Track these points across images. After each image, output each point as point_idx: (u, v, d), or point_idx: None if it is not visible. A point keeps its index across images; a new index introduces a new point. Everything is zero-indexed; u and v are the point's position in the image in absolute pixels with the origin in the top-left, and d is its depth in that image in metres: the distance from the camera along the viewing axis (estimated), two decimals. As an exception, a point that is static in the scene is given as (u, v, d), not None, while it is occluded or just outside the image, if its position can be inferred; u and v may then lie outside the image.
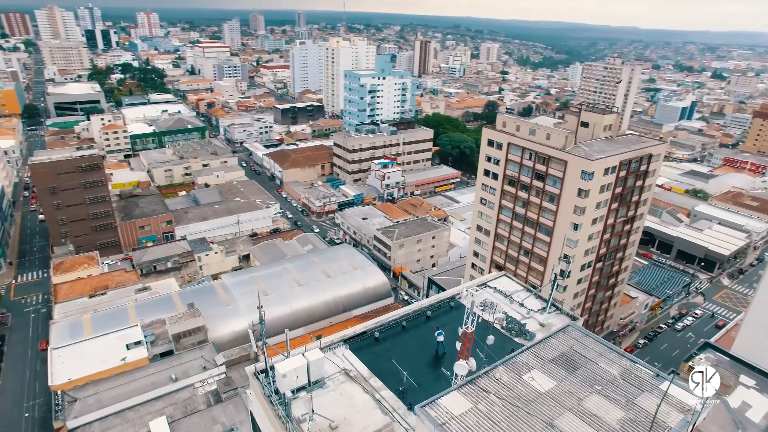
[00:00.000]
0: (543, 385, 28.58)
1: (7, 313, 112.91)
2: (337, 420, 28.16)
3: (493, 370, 28.88)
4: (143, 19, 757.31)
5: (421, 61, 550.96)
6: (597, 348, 32.72)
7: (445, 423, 24.83)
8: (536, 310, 41.30)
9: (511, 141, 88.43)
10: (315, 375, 30.61)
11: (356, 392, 30.52)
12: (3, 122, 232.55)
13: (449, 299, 40.73)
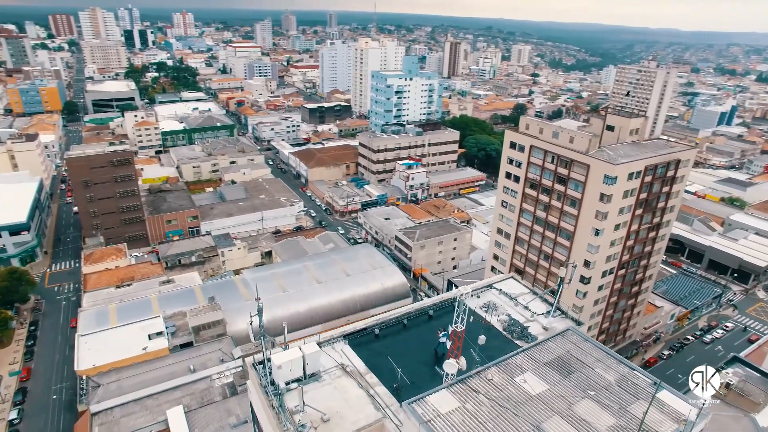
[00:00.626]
0: (534, 387, 28.19)
1: (41, 300, 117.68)
2: (330, 413, 28.43)
3: (486, 370, 28.64)
4: (179, 19, 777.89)
5: (451, 63, 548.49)
6: (595, 353, 32.04)
7: (430, 420, 24.80)
8: (540, 314, 40.63)
9: (534, 143, 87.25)
10: (311, 368, 30.97)
11: (351, 387, 30.74)
12: (45, 118, 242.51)
13: (453, 299, 40.47)
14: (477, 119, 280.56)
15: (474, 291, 37.25)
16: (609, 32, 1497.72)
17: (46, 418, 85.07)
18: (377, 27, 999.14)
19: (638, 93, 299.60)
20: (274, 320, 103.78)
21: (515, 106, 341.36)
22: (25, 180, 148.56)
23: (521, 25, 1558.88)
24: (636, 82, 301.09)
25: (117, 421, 73.18)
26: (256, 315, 35.07)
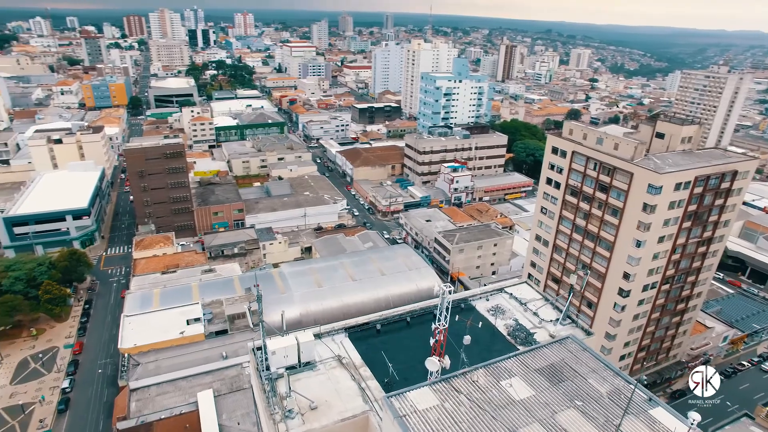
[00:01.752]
0: (520, 393, 27.35)
1: (96, 281, 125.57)
2: (319, 401, 28.81)
3: (473, 371, 28.08)
4: (240, 19, 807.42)
5: (506, 66, 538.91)
6: (592, 364, 30.63)
7: (405, 415, 24.63)
8: (549, 320, 39.28)
9: (576, 149, 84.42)
10: (305, 356, 31.46)
11: (344, 378, 31.01)
12: (111, 112, 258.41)
13: (460, 300, 39.92)
14: (528, 124, 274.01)
15: (483, 294, 36.53)
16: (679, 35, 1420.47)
17: (92, 390, 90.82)
18: (433, 29, 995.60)
19: (704, 100, 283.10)
20: (308, 314, 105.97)
21: (569, 112, 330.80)
22: (89, 169, 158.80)
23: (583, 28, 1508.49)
24: (703, 88, 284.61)
25: (152, 399, 77.07)
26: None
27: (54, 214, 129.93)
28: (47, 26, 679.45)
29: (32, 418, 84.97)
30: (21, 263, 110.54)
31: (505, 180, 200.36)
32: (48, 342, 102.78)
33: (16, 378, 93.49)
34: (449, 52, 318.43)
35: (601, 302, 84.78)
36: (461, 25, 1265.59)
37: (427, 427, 24.55)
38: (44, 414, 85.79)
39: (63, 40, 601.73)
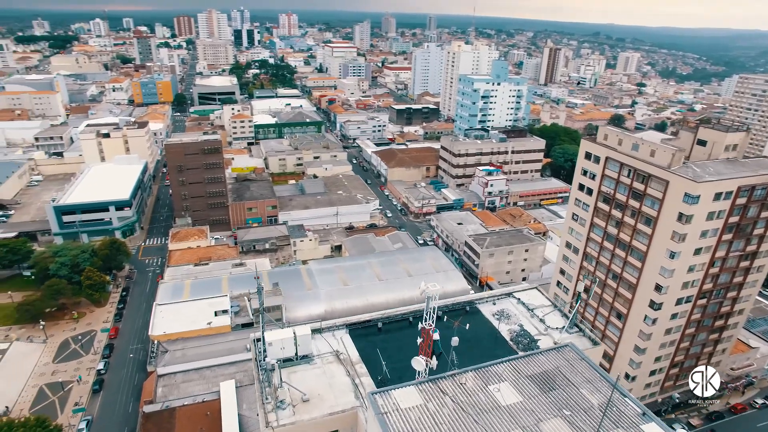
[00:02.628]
0: (507, 398, 26.68)
1: (134, 269, 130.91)
2: (312, 394, 29.07)
3: (462, 374, 27.61)
4: (284, 20, 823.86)
5: (549, 70, 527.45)
6: (587, 374, 29.50)
7: (387, 413, 24.49)
8: (555, 328, 38.14)
9: (610, 155, 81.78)
10: (302, 350, 31.81)
11: (339, 374, 31.18)
12: (157, 108, 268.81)
13: (466, 303, 39.32)
14: (569, 129, 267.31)
15: (490, 297, 35.87)
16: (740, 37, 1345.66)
17: (124, 373, 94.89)
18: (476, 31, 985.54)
19: (762, 106, 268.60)
20: (332, 312, 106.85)
21: (612, 117, 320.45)
22: (133, 162, 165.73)
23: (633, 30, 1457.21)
24: (762, 94, 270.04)
25: (177, 385, 79.73)
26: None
27: (98, 205, 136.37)
28: (105, 27, 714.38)
29: (70, 396, 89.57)
30: (67, 250, 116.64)
31: (542, 185, 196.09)
32: (87, 325, 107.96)
33: (58, 357, 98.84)
34: (490, 54, 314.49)
35: (631, 314, 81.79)
36: (506, 27, 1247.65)
37: (406, 426, 24.42)
38: (81, 393, 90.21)
39: (118, 40, 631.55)
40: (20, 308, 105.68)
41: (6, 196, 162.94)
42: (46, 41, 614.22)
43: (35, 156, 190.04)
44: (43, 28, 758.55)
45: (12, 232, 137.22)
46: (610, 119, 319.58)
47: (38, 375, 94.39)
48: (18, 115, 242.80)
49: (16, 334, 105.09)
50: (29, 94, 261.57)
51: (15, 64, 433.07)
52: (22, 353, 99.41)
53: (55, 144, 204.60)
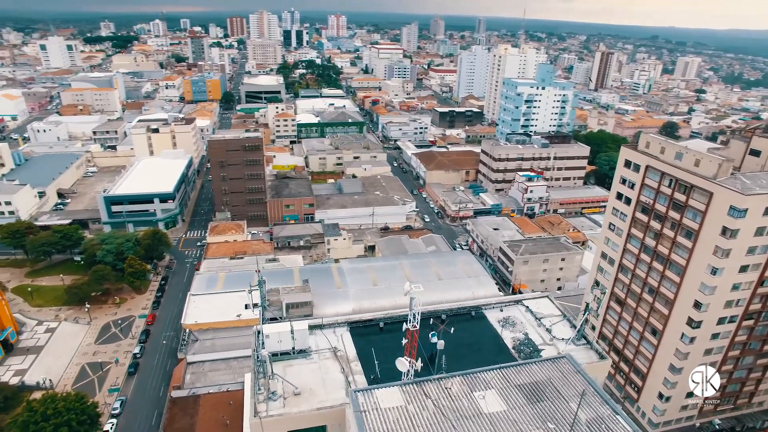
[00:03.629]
0: (491, 406, 25.80)
1: (174, 260, 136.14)
2: (304, 388, 29.29)
3: (450, 378, 26.97)
4: (333, 21, 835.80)
5: (600, 74, 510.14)
6: (580, 388, 28.06)
7: (366, 411, 24.27)
8: (561, 339, 36.69)
9: (651, 164, 78.28)
10: (299, 344, 32.12)
11: (334, 370, 31.27)
12: (206, 105, 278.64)
13: (472, 308, 38.49)
14: (616, 136, 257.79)
15: (498, 303, 35.02)
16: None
17: (156, 358, 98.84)
18: (526, 34, 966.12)
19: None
20: (360, 311, 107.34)
21: (664, 125, 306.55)
22: (179, 157, 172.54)
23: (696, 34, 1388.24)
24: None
25: (205, 373, 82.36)
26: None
27: (143, 197, 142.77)
28: (163, 28, 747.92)
29: (108, 376, 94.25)
30: (113, 238, 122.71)
31: (584, 193, 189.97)
32: (128, 311, 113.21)
33: (100, 339, 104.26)
34: (537, 57, 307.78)
35: (667, 331, 77.93)
36: (557, 30, 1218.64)
37: (382, 426, 24.21)
38: (117, 374, 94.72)
39: (174, 40, 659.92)
40: (69, 291, 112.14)
41: (64, 185, 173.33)
42: (110, 41, 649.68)
43: (92, 149, 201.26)
44: (108, 29, 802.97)
45: (67, 219, 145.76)
46: (662, 127, 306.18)
47: (81, 354, 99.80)
48: (80, 110, 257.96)
49: (65, 314, 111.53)
50: (91, 90, 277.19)
51: (81, 62, 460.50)
52: (68, 333, 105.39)
53: (110, 138, 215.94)
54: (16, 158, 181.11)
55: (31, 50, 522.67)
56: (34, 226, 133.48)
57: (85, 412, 75.18)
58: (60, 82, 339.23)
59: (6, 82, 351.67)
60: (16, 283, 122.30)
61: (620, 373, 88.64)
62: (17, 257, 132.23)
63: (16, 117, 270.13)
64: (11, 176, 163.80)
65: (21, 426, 71.06)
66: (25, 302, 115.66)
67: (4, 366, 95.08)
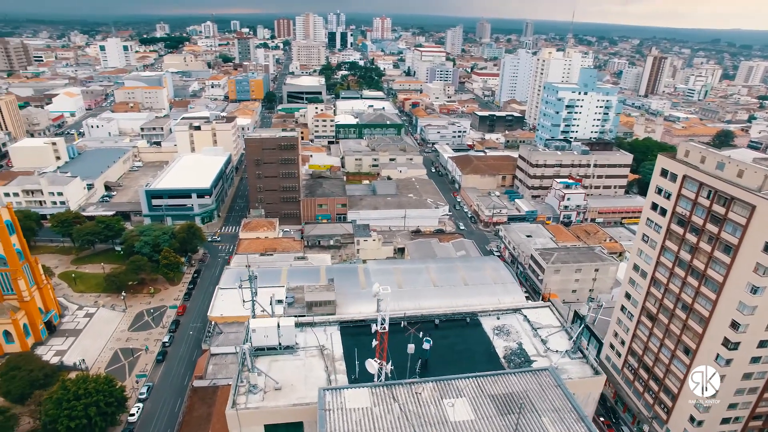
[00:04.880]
0: (458, 415, 24.88)
1: (208, 254, 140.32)
2: (285, 384, 29.36)
3: (422, 383, 26.23)
4: (378, 23, 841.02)
5: (651, 80, 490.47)
6: (557, 403, 26.60)
7: (330, 410, 23.98)
8: (556, 351, 35.13)
9: (688, 173, 74.38)
10: (285, 340, 32.21)
11: (318, 368, 31.24)
12: (248, 104, 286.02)
13: (467, 314, 37.53)
14: (664, 144, 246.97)
15: (495, 311, 34.05)
16: None
17: (184, 348, 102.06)
18: (575, 37, 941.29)
19: None
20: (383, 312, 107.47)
21: (718, 133, 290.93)
22: (218, 154, 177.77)
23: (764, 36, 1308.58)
24: None
25: (227, 365, 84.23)
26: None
27: (181, 191, 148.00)
28: (214, 29, 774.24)
29: (138, 362, 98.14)
30: (150, 230, 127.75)
31: (624, 202, 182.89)
32: (160, 301, 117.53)
33: (133, 326, 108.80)
34: (582, 62, 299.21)
35: (701, 350, 73.76)
36: (609, 34, 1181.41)
37: (344, 426, 23.97)
38: (146, 361, 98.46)
39: (223, 41, 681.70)
40: (108, 279, 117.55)
41: (111, 178, 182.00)
42: (163, 42, 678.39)
43: (138, 144, 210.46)
44: (164, 31, 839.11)
45: (111, 210, 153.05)
46: (715, 135, 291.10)
47: (115, 340, 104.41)
48: (131, 107, 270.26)
49: (103, 301, 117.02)
50: (141, 89, 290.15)
51: (135, 62, 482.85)
52: (105, 319, 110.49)
53: (156, 134, 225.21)
54: (70, 152, 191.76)
55: (92, 51, 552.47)
56: (81, 216, 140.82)
57: (112, 394, 78.62)
58: (115, 80, 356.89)
59: (68, 80, 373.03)
60: (62, 269, 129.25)
61: (649, 392, 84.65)
62: (65, 245, 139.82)
63: (74, 113, 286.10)
64: (65, 168, 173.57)
65: (55, 402, 75.07)
66: (69, 287, 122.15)
67: (46, 346, 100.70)
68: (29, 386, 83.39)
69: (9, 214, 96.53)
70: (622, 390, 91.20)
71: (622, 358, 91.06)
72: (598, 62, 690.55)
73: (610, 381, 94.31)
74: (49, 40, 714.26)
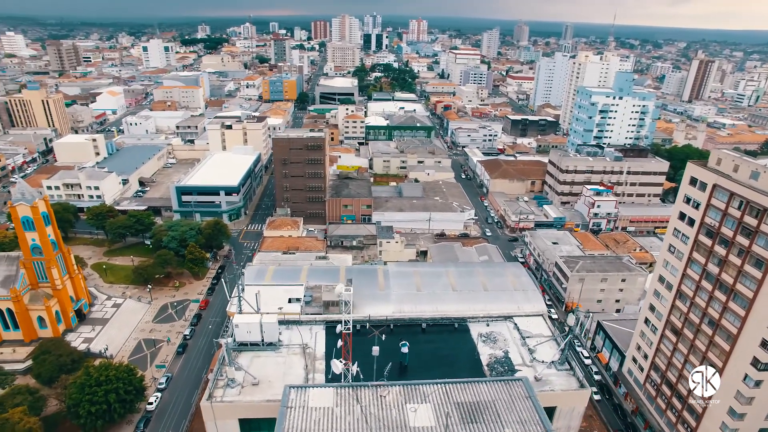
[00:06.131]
0: (419, 420, 24.22)
1: (233, 250, 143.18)
2: (263, 379, 29.46)
3: (388, 386, 25.70)
4: (414, 25, 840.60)
5: (696, 85, 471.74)
6: (524, 415, 25.51)
7: (292, 407, 23.80)
8: (542, 361, 33.84)
9: (719, 183, 71.10)
10: (268, 337, 32.34)
11: (298, 366, 31.26)
12: (281, 105, 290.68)
13: (456, 319, 36.63)
14: (705, 152, 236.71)
15: (486, 318, 33.17)
16: None
17: (202, 341, 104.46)
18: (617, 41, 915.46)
19: None
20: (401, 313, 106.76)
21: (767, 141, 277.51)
22: (248, 153, 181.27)
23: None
24: None
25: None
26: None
27: (210, 188, 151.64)
28: (252, 31, 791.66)
29: (159, 353, 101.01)
30: (178, 225, 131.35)
31: (659, 212, 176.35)
32: (184, 294, 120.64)
33: (157, 318, 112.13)
34: (621, 66, 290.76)
35: (728, 370, 70.22)
36: (654, 37, 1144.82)
37: (302, 424, 23.84)
38: (167, 352, 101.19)
39: (260, 42, 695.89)
40: (136, 271, 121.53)
41: (146, 174, 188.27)
42: (203, 43, 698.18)
43: (173, 142, 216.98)
44: (204, 32, 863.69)
45: (143, 205, 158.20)
46: (764, 143, 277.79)
47: (139, 330, 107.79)
48: (168, 106, 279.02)
49: (130, 292, 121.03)
50: (179, 88, 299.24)
51: (175, 62, 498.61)
52: (131, 309, 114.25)
53: (190, 132, 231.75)
54: (109, 148, 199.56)
55: (135, 52, 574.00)
56: (115, 210, 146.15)
57: (132, 383, 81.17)
58: (155, 80, 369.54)
59: (112, 80, 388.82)
60: (95, 260, 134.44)
61: (671, 410, 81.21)
62: (98, 237, 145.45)
63: (115, 111, 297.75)
64: (102, 164, 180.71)
65: (78, 387, 78.15)
66: (100, 278, 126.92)
67: (76, 333, 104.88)
68: (58, 370, 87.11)
69: (45, 206, 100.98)
70: (643, 406, 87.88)
71: (644, 372, 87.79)
72: (639, 66, 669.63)
73: (631, 396, 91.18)
74: (99, 41, 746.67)
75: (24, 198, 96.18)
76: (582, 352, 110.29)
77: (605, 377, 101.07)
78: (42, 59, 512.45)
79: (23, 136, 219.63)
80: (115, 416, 79.17)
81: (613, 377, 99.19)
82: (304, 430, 24.41)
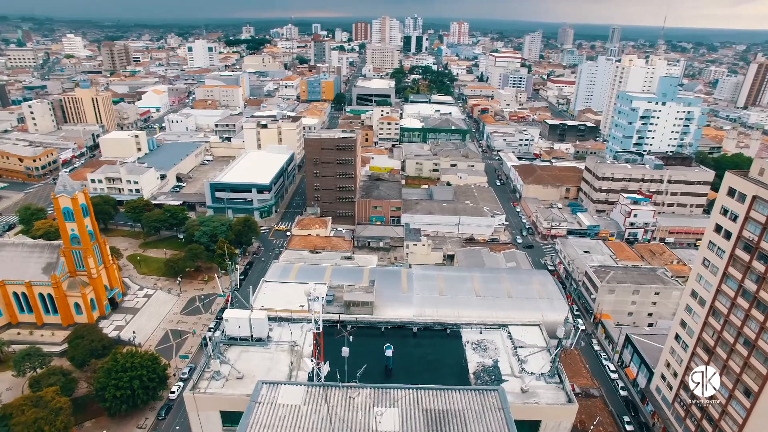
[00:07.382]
0: (384, 425, 23.53)
1: (262, 247, 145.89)
2: (248, 373, 29.67)
3: (358, 388, 25.23)
4: (455, 28, 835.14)
5: (754, 89, 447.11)
6: (493, 427, 24.26)
7: (260, 403, 23.69)
8: (531, 372, 32.48)
9: (759, 194, 67.21)
10: (257, 333, 32.53)
11: (284, 362, 31.28)
12: (318, 105, 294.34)
13: (449, 325, 35.84)
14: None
15: (480, 325, 32.35)
16: None
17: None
18: (668, 44, 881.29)
19: None
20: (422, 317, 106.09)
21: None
22: (282, 152, 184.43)
23: None
24: None
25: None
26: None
27: (242, 186, 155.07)
28: (294, 32, 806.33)
29: (184, 343, 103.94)
30: (209, 221, 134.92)
31: (700, 223, 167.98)
32: (212, 289, 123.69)
33: (185, 310, 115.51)
34: (669, 70, 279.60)
35: (764, 395, 66.15)
36: (708, 40, 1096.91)
37: (267, 420, 23.81)
38: (192, 344, 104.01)
39: (301, 43, 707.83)
40: (167, 264, 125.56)
41: (183, 170, 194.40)
42: (246, 44, 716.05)
43: (211, 139, 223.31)
44: (248, 33, 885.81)
45: (179, 200, 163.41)
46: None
47: (167, 321, 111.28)
48: (209, 104, 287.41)
49: (162, 284, 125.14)
50: (219, 87, 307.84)
51: (218, 62, 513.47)
52: (161, 301, 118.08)
53: (228, 130, 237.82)
54: (150, 144, 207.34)
55: (181, 52, 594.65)
56: (151, 204, 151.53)
57: (155, 371, 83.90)
58: (198, 79, 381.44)
59: (158, 79, 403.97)
60: (131, 252, 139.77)
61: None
62: (135, 230, 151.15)
63: (159, 109, 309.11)
64: (143, 159, 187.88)
65: (105, 372, 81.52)
66: (134, 269, 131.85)
67: (108, 320, 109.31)
68: (89, 355, 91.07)
69: (84, 198, 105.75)
70: (671, 426, 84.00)
71: (673, 391, 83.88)
72: (691, 71, 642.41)
73: (658, 415, 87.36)
74: (149, 42, 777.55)
75: (65, 190, 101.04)
76: (608, 366, 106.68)
77: (632, 393, 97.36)
78: (97, 59, 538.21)
79: (74, 132, 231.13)
80: (138, 402, 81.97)
81: (640, 394, 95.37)
82: (268, 425, 24.59)
